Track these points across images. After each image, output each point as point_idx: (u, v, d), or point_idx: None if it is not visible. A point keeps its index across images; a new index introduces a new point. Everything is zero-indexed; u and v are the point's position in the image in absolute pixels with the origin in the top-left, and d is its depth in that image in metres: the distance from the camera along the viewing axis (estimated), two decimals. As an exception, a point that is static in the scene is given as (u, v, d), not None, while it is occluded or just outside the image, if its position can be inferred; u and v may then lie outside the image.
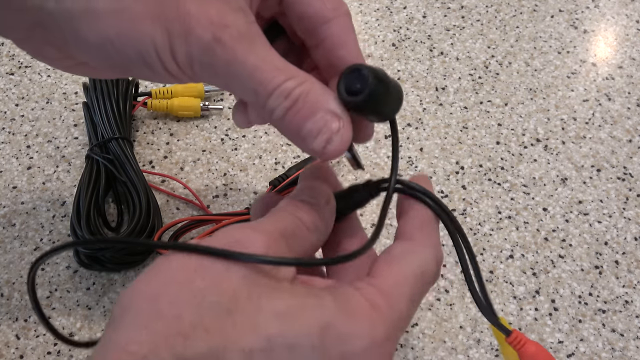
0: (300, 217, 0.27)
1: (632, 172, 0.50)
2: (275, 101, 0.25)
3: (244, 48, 0.25)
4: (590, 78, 0.56)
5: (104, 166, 0.46)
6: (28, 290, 0.27)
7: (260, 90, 0.25)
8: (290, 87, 0.25)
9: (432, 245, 0.28)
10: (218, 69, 0.25)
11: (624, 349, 0.41)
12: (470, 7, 0.62)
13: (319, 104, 0.25)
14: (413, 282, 0.26)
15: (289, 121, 0.25)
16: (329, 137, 0.26)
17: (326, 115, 0.25)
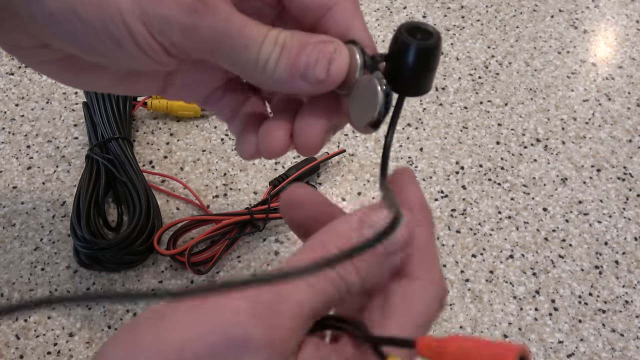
0: (344, 277, 0.22)
1: (632, 172, 0.50)
2: (267, 50, 0.24)
3: (227, 7, 0.24)
4: (590, 78, 0.56)
5: (104, 166, 0.46)
6: None
7: (250, 43, 0.24)
8: (276, 34, 0.25)
9: (436, 282, 0.24)
10: (203, 31, 0.24)
11: (624, 349, 0.41)
12: (470, 7, 0.62)
13: (307, 39, 0.25)
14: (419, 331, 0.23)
15: (285, 64, 0.25)
16: (329, 59, 0.25)
17: (317, 44, 0.25)
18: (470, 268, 0.45)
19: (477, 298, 0.43)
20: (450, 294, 0.43)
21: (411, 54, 0.25)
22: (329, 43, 0.25)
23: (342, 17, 0.26)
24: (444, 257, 0.45)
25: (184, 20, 0.23)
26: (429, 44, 0.25)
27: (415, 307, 0.23)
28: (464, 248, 0.46)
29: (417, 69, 0.25)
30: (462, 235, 0.46)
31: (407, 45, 0.24)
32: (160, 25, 0.24)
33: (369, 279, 0.23)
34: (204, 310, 0.20)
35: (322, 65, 0.25)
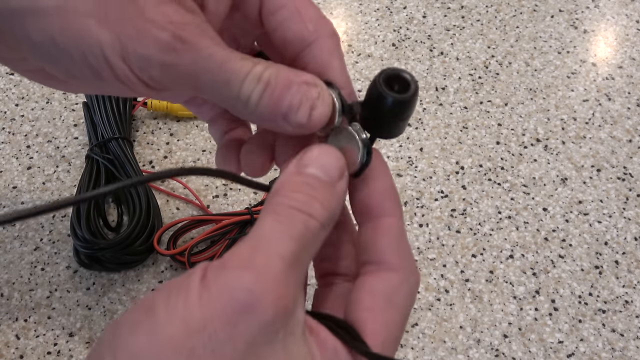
0: (312, 214, 0.23)
1: (632, 172, 0.50)
2: (249, 87, 0.24)
3: (208, 43, 0.24)
4: (590, 78, 0.56)
5: (104, 166, 0.46)
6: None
7: (232, 79, 0.24)
8: (260, 71, 0.24)
9: (412, 271, 0.25)
10: (182, 69, 0.24)
11: (624, 349, 0.41)
12: (470, 7, 0.62)
13: (292, 78, 0.25)
14: (402, 326, 0.25)
15: (267, 103, 0.25)
16: (312, 104, 0.25)
17: (301, 86, 0.25)
18: (470, 268, 0.45)
19: (477, 298, 0.43)
20: (450, 294, 0.43)
21: (386, 105, 0.25)
22: (313, 87, 0.25)
23: (320, 55, 0.27)
24: (444, 257, 0.45)
25: (162, 59, 0.24)
26: (404, 97, 0.25)
27: (400, 301, 0.24)
28: (464, 248, 0.46)
29: (391, 119, 0.26)
30: (462, 235, 0.46)
31: (383, 98, 0.25)
32: (139, 62, 0.24)
33: (336, 210, 0.24)
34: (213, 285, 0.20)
35: (304, 110, 0.25)
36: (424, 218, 0.47)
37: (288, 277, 0.21)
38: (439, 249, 0.45)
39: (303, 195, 0.23)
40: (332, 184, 0.24)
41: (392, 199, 0.26)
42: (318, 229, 0.23)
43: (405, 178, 0.49)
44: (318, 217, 0.23)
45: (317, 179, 0.24)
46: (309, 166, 0.24)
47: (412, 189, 0.49)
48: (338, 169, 0.24)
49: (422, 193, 0.48)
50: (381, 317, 0.24)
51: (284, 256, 0.21)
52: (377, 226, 0.25)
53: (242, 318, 0.20)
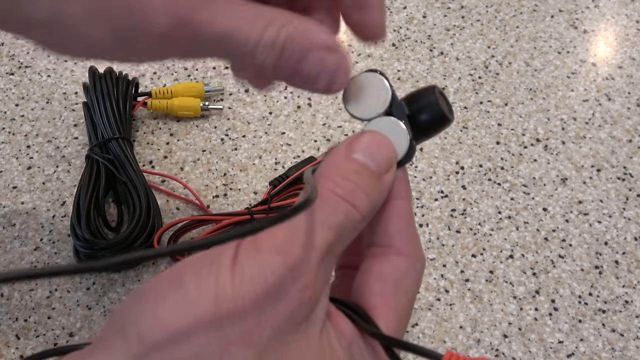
0: (356, 204, 0.22)
1: (632, 172, 0.50)
2: (263, 54, 0.23)
3: (210, 13, 0.22)
4: (590, 78, 0.56)
5: (104, 166, 0.46)
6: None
7: (243, 49, 0.23)
8: (273, 36, 0.23)
9: (420, 257, 0.25)
10: (190, 47, 0.23)
11: (624, 349, 0.41)
12: (470, 7, 0.62)
13: (309, 43, 0.23)
14: (410, 311, 0.25)
15: (284, 69, 0.24)
16: (332, 76, 0.24)
17: (319, 53, 0.23)
18: (470, 268, 0.45)
19: (477, 298, 0.43)
20: (450, 293, 0.43)
21: (438, 122, 0.25)
22: (333, 54, 0.24)
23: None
24: (444, 257, 0.45)
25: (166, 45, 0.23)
26: (451, 119, 0.26)
27: (409, 286, 0.24)
28: (464, 248, 0.46)
29: (431, 133, 0.26)
30: (462, 235, 0.46)
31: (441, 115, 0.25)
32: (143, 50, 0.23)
33: (379, 203, 0.24)
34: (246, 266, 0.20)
35: (323, 80, 0.24)
36: (424, 218, 0.47)
37: (319, 269, 0.21)
38: (439, 249, 0.45)
39: (350, 183, 0.22)
40: (380, 175, 0.23)
41: (404, 181, 0.25)
42: (359, 221, 0.22)
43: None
44: (361, 208, 0.22)
45: (365, 167, 0.23)
46: (360, 152, 0.23)
47: (412, 189, 0.49)
48: (388, 161, 0.24)
49: (422, 193, 0.48)
50: (392, 302, 0.24)
51: (320, 248, 0.21)
52: (387, 208, 0.25)
53: (271, 304, 0.20)
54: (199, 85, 0.53)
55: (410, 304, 0.24)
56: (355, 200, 0.22)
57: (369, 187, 0.23)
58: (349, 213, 0.22)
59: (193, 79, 0.56)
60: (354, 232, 0.23)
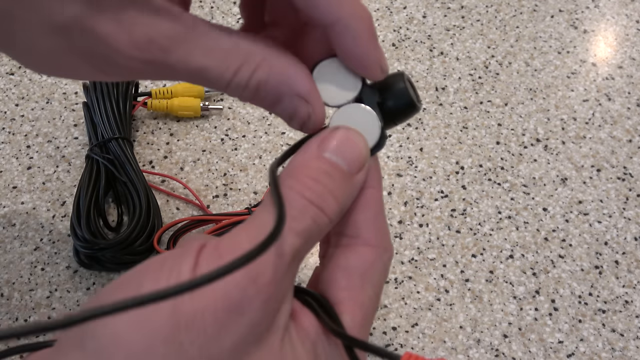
0: (324, 208, 0.22)
1: (632, 172, 0.50)
2: (236, 91, 0.23)
3: (182, 54, 0.22)
4: (590, 78, 0.56)
5: (104, 166, 0.46)
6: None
7: (216, 85, 0.23)
8: (246, 77, 0.22)
9: (387, 247, 0.25)
10: (165, 77, 0.23)
11: (624, 349, 0.41)
12: (470, 7, 0.62)
13: (282, 88, 0.23)
14: (377, 303, 0.24)
15: (258, 104, 0.24)
16: (302, 122, 0.24)
17: (292, 101, 0.23)
18: (470, 268, 0.45)
19: (477, 298, 0.43)
20: (450, 294, 0.43)
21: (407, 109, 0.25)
22: (304, 104, 0.23)
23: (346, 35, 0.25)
24: (444, 257, 0.45)
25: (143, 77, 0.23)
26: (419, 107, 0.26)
27: (375, 278, 0.24)
28: (464, 248, 0.46)
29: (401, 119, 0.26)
30: (462, 235, 0.46)
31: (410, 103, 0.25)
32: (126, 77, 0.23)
33: (346, 206, 0.23)
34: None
35: (295, 122, 0.24)
36: (424, 218, 0.47)
37: (284, 276, 0.20)
38: (439, 249, 0.45)
39: (319, 185, 0.22)
40: (351, 175, 0.23)
41: (375, 169, 0.25)
42: (326, 224, 0.22)
43: (405, 178, 0.49)
44: (329, 212, 0.22)
45: (336, 167, 0.22)
46: (331, 151, 0.23)
47: (412, 189, 0.49)
48: (360, 160, 0.23)
49: (422, 193, 0.48)
50: (358, 297, 0.23)
51: (286, 255, 0.20)
52: (357, 197, 0.24)
53: (232, 317, 0.19)
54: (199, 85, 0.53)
55: (377, 296, 0.24)
56: (323, 204, 0.22)
57: (338, 190, 0.22)
58: (316, 218, 0.21)
59: (193, 79, 0.56)
60: (321, 235, 0.22)
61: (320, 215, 0.21)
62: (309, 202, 0.21)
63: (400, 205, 0.48)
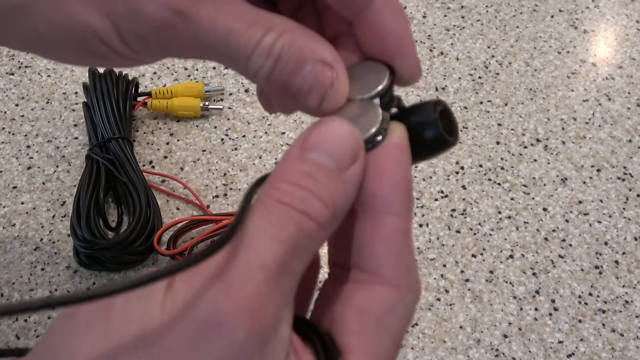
0: (308, 212, 0.19)
1: (632, 172, 0.50)
2: (257, 62, 0.21)
3: (210, 12, 0.21)
4: (590, 78, 0.56)
5: (104, 166, 0.46)
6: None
7: (238, 54, 0.21)
8: (271, 42, 0.21)
9: (412, 288, 0.21)
10: (183, 45, 0.22)
11: (624, 349, 0.41)
12: (470, 7, 0.62)
13: (306, 54, 0.21)
14: (395, 354, 0.21)
15: (276, 80, 0.22)
16: (323, 93, 0.21)
17: (315, 66, 0.21)
18: (470, 268, 0.45)
19: (477, 298, 0.43)
20: (450, 294, 0.43)
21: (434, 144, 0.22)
22: (328, 69, 0.21)
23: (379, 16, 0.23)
24: (444, 257, 0.45)
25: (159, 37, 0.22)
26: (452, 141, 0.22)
27: (394, 324, 0.20)
28: (464, 248, 0.46)
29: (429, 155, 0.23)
30: (462, 235, 0.46)
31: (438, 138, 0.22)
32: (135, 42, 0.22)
33: (341, 206, 0.20)
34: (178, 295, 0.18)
35: (314, 97, 0.22)
36: (424, 218, 0.47)
37: (271, 290, 0.18)
38: (439, 249, 0.45)
39: (299, 189, 0.19)
40: (340, 171, 0.20)
41: (404, 193, 0.21)
42: (315, 230, 0.19)
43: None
44: (316, 216, 0.19)
45: (320, 167, 0.20)
46: (314, 150, 0.20)
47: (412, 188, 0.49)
48: (350, 151, 0.20)
49: (422, 193, 0.48)
50: (371, 346, 0.20)
51: (267, 264, 0.18)
52: (378, 225, 0.21)
53: (205, 339, 0.17)
54: (199, 85, 0.53)
55: (396, 346, 0.21)
56: (307, 208, 0.19)
57: (325, 191, 0.19)
58: (301, 224, 0.19)
59: (193, 79, 0.56)
60: (314, 243, 0.20)
61: (306, 220, 0.19)
62: (290, 208, 0.19)
63: (400, 205, 0.48)
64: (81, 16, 0.21)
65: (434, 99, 0.23)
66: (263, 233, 0.18)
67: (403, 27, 0.22)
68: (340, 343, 0.20)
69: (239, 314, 0.17)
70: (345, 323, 0.20)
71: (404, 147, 0.21)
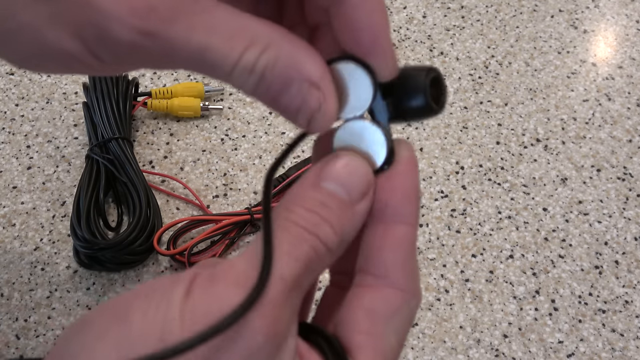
0: (320, 237, 0.20)
1: (632, 172, 0.50)
2: (240, 78, 0.21)
3: (182, 29, 0.20)
4: (590, 78, 0.56)
5: (104, 166, 0.46)
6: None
7: (217, 70, 0.20)
8: (253, 59, 0.20)
9: (416, 293, 0.22)
10: (159, 61, 0.21)
11: (624, 349, 0.41)
12: (470, 7, 0.62)
13: (291, 74, 0.21)
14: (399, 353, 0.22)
15: (262, 96, 0.21)
16: (311, 115, 0.21)
17: (302, 87, 0.21)
18: (470, 268, 0.45)
19: (477, 298, 0.43)
20: (450, 294, 0.43)
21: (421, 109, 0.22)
22: (315, 90, 0.21)
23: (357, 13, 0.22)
24: (444, 257, 0.45)
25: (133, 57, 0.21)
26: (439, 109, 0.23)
27: (400, 325, 0.21)
28: (464, 248, 0.46)
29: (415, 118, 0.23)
30: (462, 235, 0.46)
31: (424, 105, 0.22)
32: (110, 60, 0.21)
33: (351, 232, 0.21)
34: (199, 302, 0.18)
35: (302, 117, 0.21)
36: (424, 218, 0.47)
37: (286, 301, 0.19)
38: (439, 249, 0.45)
39: (314, 215, 0.20)
40: (352, 205, 0.21)
41: (413, 203, 0.22)
42: (325, 254, 0.20)
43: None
44: (327, 241, 0.20)
45: (335, 197, 0.21)
46: (330, 181, 0.21)
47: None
48: (362, 188, 0.21)
49: (422, 193, 0.48)
50: (379, 344, 0.21)
51: (286, 278, 0.19)
52: (388, 233, 0.22)
53: (228, 341, 0.18)
54: (199, 85, 0.53)
55: (400, 345, 0.22)
56: (319, 232, 0.20)
57: (337, 219, 0.21)
58: (314, 245, 0.20)
59: (193, 79, 0.56)
60: (322, 266, 0.21)
61: (318, 243, 0.20)
62: (304, 230, 0.20)
63: (400, 205, 0.48)
64: (55, 42, 0.21)
65: (428, 66, 0.23)
66: (281, 249, 0.19)
67: (379, 24, 0.22)
68: (348, 343, 0.21)
69: (259, 321, 0.18)
70: (353, 323, 0.21)
71: (413, 161, 0.22)
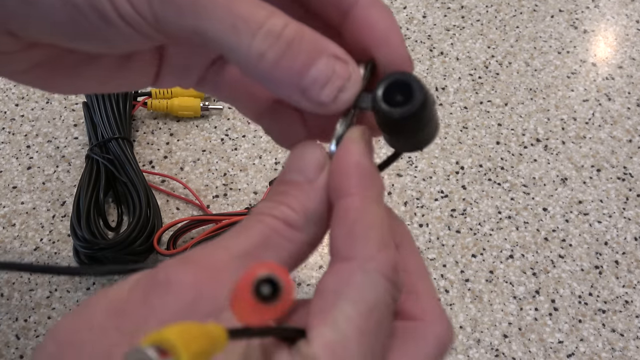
0: (275, 215, 0.21)
1: (632, 172, 0.50)
2: (264, 42, 0.20)
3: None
4: (590, 78, 0.56)
5: (104, 166, 0.46)
6: None
7: (241, 25, 0.20)
8: (280, 26, 0.20)
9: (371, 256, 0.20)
10: (183, 3, 0.20)
11: (624, 349, 0.41)
12: (470, 7, 0.62)
13: (321, 47, 0.20)
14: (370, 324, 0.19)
15: (286, 68, 0.20)
16: (341, 85, 0.21)
17: (330, 60, 0.20)
18: (470, 268, 0.45)
19: (477, 298, 0.43)
20: (450, 294, 0.43)
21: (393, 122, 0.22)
22: (344, 63, 0.21)
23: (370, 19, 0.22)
24: (444, 257, 0.45)
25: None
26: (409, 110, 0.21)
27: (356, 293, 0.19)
28: (464, 248, 0.46)
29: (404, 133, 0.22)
30: (462, 235, 0.46)
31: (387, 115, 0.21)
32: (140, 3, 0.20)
33: (315, 210, 0.21)
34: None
35: (331, 89, 0.21)
36: (424, 218, 0.47)
37: (227, 266, 0.19)
38: (439, 249, 0.45)
39: (271, 202, 0.21)
40: (309, 183, 0.21)
41: (355, 176, 0.21)
42: (282, 227, 0.20)
43: (405, 178, 0.49)
44: (282, 216, 0.20)
45: (291, 183, 0.21)
46: (287, 172, 0.22)
47: (412, 189, 0.49)
48: (312, 167, 0.21)
49: (422, 193, 0.48)
50: (330, 316, 0.19)
51: (229, 247, 0.20)
52: (333, 211, 0.21)
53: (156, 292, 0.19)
54: (199, 85, 0.53)
55: (361, 315, 0.19)
56: (274, 212, 0.21)
57: (294, 200, 0.21)
58: (268, 222, 0.21)
59: (193, 79, 0.56)
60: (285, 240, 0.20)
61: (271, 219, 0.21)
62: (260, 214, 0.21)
63: (400, 205, 0.48)
64: None
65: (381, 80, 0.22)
66: (233, 231, 0.21)
67: (389, 19, 0.22)
68: (308, 328, 0.19)
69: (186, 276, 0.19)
70: (310, 309, 0.20)
71: (352, 139, 0.22)
